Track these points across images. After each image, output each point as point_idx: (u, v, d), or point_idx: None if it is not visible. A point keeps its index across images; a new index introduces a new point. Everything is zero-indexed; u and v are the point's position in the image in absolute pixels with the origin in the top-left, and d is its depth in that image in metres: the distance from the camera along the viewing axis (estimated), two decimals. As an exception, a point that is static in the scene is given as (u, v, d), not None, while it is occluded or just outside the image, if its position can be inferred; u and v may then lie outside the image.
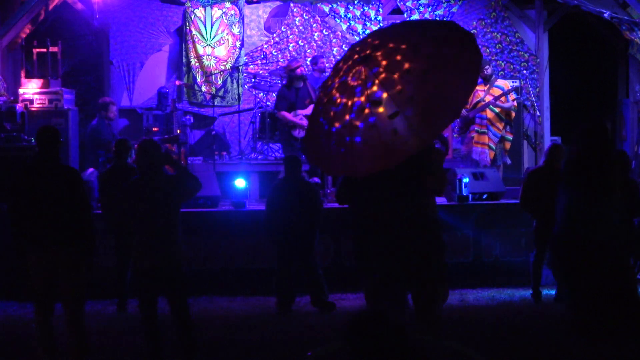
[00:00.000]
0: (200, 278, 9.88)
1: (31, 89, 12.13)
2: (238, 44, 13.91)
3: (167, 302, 6.71)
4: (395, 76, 5.09)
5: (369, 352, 3.61)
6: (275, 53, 14.03)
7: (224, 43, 13.90)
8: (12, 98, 11.95)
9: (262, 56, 13.97)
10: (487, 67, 11.80)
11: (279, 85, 12.44)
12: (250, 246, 10.45)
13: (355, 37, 14.09)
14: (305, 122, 11.25)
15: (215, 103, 13.38)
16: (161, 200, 6.59)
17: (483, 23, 14.08)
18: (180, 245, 6.72)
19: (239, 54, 13.91)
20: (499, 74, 13.14)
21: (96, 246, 6.65)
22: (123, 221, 6.95)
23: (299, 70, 11.30)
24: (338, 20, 14.19)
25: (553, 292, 9.38)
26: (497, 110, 11.76)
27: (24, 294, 9.55)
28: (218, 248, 10.28)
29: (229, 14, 13.92)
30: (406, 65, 5.12)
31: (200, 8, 13.78)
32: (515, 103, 11.99)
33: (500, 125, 11.80)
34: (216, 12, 13.88)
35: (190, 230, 9.67)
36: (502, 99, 11.70)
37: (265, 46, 14.05)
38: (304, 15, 14.09)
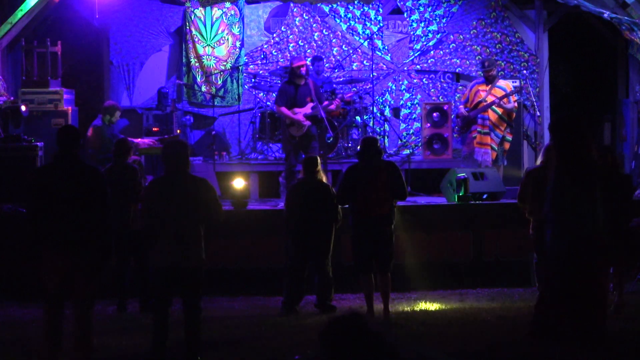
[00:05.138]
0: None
1: (31, 89, 12.11)
2: (238, 44, 13.91)
3: (182, 302, 6.71)
4: None
5: (344, 356, 3.60)
6: (275, 53, 14.02)
7: (224, 43, 13.89)
8: (12, 98, 11.95)
9: (262, 56, 13.96)
10: (492, 68, 11.85)
11: (279, 85, 12.45)
12: (250, 246, 10.45)
13: (355, 37, 14.10)
14: (302, 119, 11.23)
15: (215, 103, 13.38)
16: (185, 201, 6.58)
17: (483, 23, 14.08)
18: (202, 247, 6.70)
19: (239, 54, 13.91)
20: (499, 74, 13.14)
21: (112, 248, 6.59)
22: (135, 222, 6.94)
23: (301, 69, 11.28)
24: (338, 20, 14.18)
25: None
26: (498, 111, 11.77)
27: (24, 295, 9.57)
28: (218, 248, 10.27)
29: (229, 14, 13.92)
30: None
31: (200, 8, 13.78)
32: (516, 104, 12.01)
33: (502, 126, 11.83)
34: (216, 12, 13.87)
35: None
36: (504, 100, 11.72)
37: (265, 46, 14.04)
38: (304, 15, 14.09)
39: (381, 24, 14.20)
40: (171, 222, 6.57)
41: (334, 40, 14.13)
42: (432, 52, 14.16)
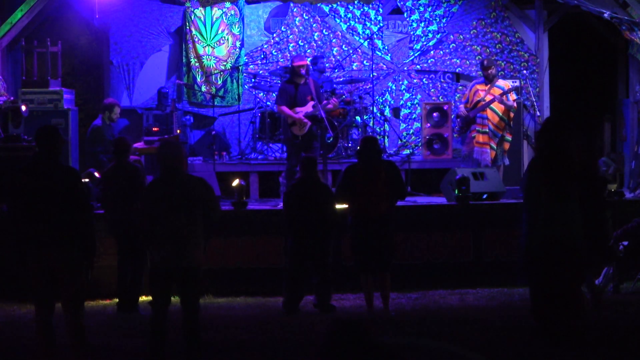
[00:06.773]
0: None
1: (31, 89, 12.12)
2: (238, 44, 13.91)
3: (180, 302, 6.70)
4: None
5: None
6: (275, 53, 14.02)
7: (224, 43, 13.89)
8: (12, 98, 11.95)
9: (262, 56, 13.96)
10: (491, 66, 11.85)
11: (279, 85, 12.46)
12: (250, 246, 10.45)
13: (355, 37, 14.10)
14: (303, 118, 11.23)
15: (215, 103, 13.38)
16: (180, 201, 6.58)
17: (483, 23, 14.07)
18: (201, 246, 6.70)
19: (239, 54, 13.91)
20: (499, 74, 13.14)
21: (96, 247, 6.62)
22: (134, 221, 6.94)
23: (302, 69, 11.27)
24: (338, 20, 14.18)
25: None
26: (497, 110, 11.76)
27: (24, 295, 9.57)
28: (218, 248, 10.27)
29: (229, 14, 13.91)
30: None
31: (200, 8, 13.77)
32: (515, 104, 12.00)
33: (501, 125, 11.82)
34: (216, 12, 13.86)
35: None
36: (503, 97, 11.72)
37: (265, 46, 14.04)
38: (304, 15, 14.08)
39: (381, 24, 14.20)
40: (167, 222, 6.58)
41: (334, 40, 14.13)
42: (432, 52, 14.16)
